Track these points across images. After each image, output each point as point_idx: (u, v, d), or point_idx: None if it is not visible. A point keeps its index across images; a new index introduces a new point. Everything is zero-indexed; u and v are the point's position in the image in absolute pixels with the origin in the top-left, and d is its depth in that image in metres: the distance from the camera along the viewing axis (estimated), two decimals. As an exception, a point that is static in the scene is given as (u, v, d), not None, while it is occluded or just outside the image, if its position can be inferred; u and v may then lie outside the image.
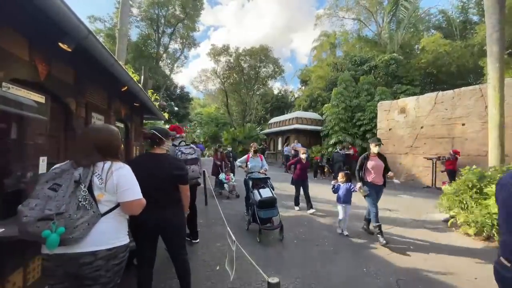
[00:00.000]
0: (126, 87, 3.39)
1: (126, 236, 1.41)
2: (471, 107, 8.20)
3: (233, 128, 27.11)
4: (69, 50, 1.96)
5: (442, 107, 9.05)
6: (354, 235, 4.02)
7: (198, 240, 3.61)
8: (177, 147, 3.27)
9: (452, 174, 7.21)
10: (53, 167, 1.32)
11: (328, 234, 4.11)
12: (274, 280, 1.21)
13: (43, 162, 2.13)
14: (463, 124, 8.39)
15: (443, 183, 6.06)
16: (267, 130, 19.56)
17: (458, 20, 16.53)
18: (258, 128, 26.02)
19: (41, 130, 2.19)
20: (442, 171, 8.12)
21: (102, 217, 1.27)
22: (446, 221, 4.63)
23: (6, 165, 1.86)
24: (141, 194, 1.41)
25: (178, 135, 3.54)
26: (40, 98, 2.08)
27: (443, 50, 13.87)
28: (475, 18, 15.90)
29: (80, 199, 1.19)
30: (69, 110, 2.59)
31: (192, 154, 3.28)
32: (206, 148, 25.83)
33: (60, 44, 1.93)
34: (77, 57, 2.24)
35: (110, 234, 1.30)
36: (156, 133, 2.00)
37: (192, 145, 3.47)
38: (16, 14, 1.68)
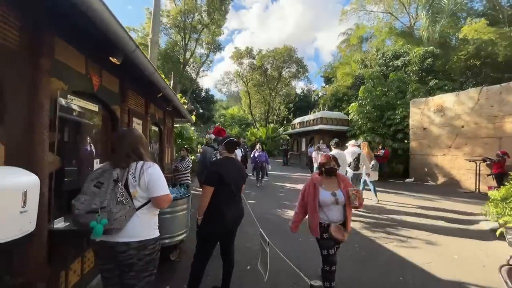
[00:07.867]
0: (161, 93, 3.64)
1: (156, 230, 1.56)
2: (523, 103, 7.32)
3: (256, 129, 27.33)
4: (118, 63, 2.18)
5: (487, 104, 8.18)
6: (387, 241, 3.84)
7: None
8: (215, 151, 3.33)
9: (501, 178, 6.46)
10: (96, 168, 1.50)
11: (359, 238, 3.97)
12: (316, 283, 1.22)
13: (97, 164, 2.39)
14: (513, 122, 7.51)
15: (489, 187, 5.49)
16: (290, 131, 19.35)
17: (506, 6, 14.72)
18: (281, 129, 25.89)
19: (95, 135, 2.46)
20: (488, 175, 7.34)
21: (137, 211, 1.44)
22: (494, 230, 4.20)
23: (68, 167, 2.12)
24: (168, 190, 1.53)
25: (220, 138, 3.63)
26: (94, 107, 2.34)
27: (488, 37, 12.38)
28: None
29: (118, 196, 1.36)
30: (115, 117, 2.86)
31: None
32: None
33: (111, 58, 2.15)
34: (122, 68, 2.47)
35: (141, 227, 1.45)
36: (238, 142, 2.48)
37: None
38: (77, 35, 1.92)
